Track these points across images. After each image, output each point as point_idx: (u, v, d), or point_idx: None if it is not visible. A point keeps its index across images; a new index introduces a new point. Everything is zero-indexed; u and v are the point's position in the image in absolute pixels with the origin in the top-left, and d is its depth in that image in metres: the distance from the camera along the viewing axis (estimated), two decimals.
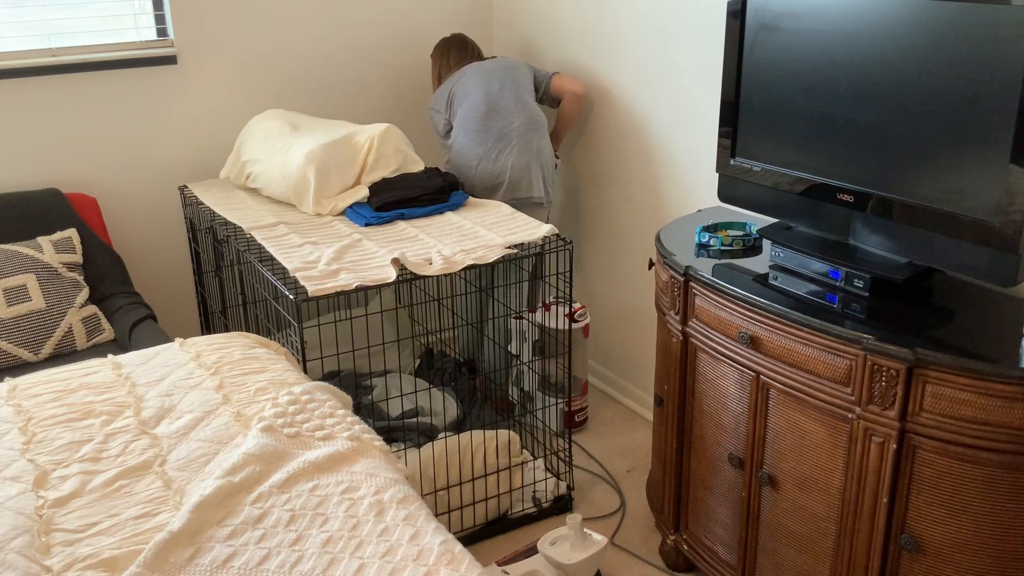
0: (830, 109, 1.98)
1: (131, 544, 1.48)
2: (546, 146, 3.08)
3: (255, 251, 2.51)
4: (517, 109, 3.03)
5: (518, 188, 3.01)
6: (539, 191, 3.05)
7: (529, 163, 3.01)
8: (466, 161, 3.03)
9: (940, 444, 1.71)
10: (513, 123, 3.01)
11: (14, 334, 2.65)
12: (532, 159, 3.02)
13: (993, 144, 1.67)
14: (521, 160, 3.00)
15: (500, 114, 3.02)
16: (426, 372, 3.26)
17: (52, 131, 3.02)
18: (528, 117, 3.04)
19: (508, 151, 2.99)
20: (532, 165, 3.02)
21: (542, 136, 3.07)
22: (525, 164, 3.01)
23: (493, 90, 3.05)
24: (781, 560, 2.09)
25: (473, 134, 3.02)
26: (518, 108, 3.04)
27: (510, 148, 3.00)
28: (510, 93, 3.06)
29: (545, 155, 3.08)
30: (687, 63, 2.80)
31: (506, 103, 3.03)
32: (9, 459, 1.73)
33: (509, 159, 2.99)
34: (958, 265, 1.79)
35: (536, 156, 3.04)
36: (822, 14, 1.96)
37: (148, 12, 3.13)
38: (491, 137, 3.00)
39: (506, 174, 2.99)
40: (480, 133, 3.01)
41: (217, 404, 1.90)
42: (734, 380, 2.11)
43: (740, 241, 2.29)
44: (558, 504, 2.75)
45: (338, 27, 3.41)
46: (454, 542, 1.46)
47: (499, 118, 3.02)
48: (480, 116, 3.02)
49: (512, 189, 3.01)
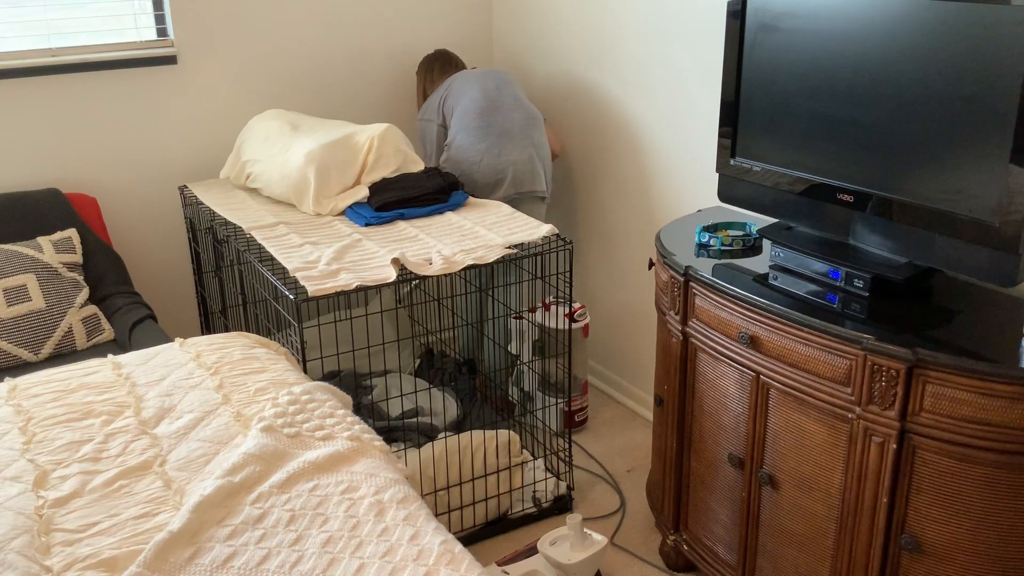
0: (830, 109, 1.98)
1: (131, 544, 1.48)
2: (544, 142, 3.10)
3: (255, 251, 2.51)
4: (515, 106, 3.05)
5: (522, 182, 3.02)
6: (542, 185, 3.07)
7: (532, 157, 3.03)
8: (468, 157, 3.01)
9: (940, 444, 1.71)
10: (513, 119, 3.02)
11: (14, 334, 2.65)
12: (534, 153, 3.04)
13: (993, 144, 1.67)
14: (524, 154, 3.02)
15: (500, 110, 3.03)
16: (426, 372, 3.26)
17: (52, 131, 3.02)
18: (527, 114, 3.06)
19: (511, 146, 3.00)
20: (534, 159, 3.04)
21: (540, 133, 3.09)
22: (528, 158, 3.02)
23: (490, 88, 3.06)
24: (781, 560, 2.09)
25: (474, 130, 3.01)
26: (516, 105, 3.05)
27: (512, 143, 3.00)
28: (507, 92, 3.07)
29: (544, 151, 3.09)
30: (687, 63, 2.80)
31: (504, 100, 3.04)
32: (9, 459, 1.73)
33: (512, 154, 3.00)
34: (958, 265, 1.79)
35: (537, 151, 3.06)
36: (822, 14, 1.96)
37: (148, 12, 3.13)
38: (493, 132, 3.00)
39: (510, 168, 2.99)
40: (481, 129, 3.00)
41: (217, 404, 1.90)
42: (734, 380, 2.11)
43: (740, 241, 2.29)
44: (558, 504, 2.75)
45: (338, 27, 3.41)
46: (454, 542, 1.46)
47: (499, 114, 3.02)
48: (480, 112, 3.02)
49: (516, 183, 3.01)
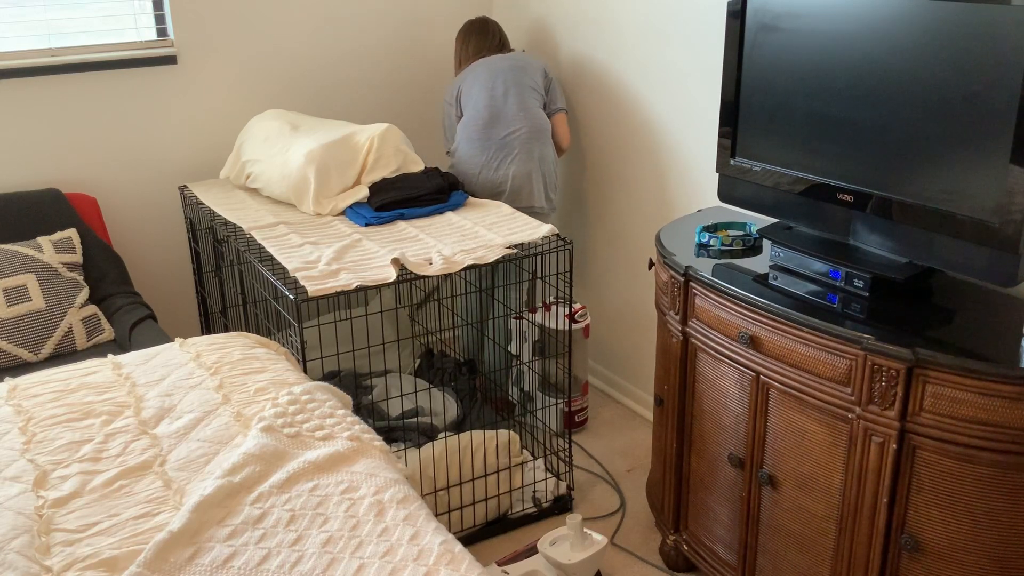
0: (830, 109, 1.98)
1: (131, 544, 1.48)
2: (549, 153, 3.08)
3: (255, 251, 2.51)
4: (519, 116, 3.02)
5: (519, 197, 3.02)
6: (540, 200, 3.05)
7: (531, 172, 3.01)
8: (468, 169, 3.04)
9: (940, 444, 1.71)
10: (515, 131, 3.01)
11: (14, 334, 2.65)
12: (534, 168, 3.02)
13: (993, 144, 1.67)
14: (523, 169, 3.00)
15: (502, 121, 3.01)
16: (426, 372, 3.26)
17: (52, 131, 3.02)
18: (531, 125, 3.03)
19: (510, 160, 2.99)
20: (534, 174, 3.02)
21: (544, 144, 3.06)
22: (527, 173, 3.01)
23: (497, 95, 3.04)
24: (781, 560, 2.09)
25: (475, 142, 3.02)
26: (520, 115, 3.02)
27: (512, 157, 3.00)
28: (513, 99, 3.04)
29: (548, 163, 3.07)
30: (687, 63, 2.80)
31: (508, 109, 3.02)
32: (9, 459, 1.73)
33: (511, 168, 2.99)
34: (958, 265, 1.79)
35: (539, 164, 3.03)
36: (822, 14, 1.96)
37: (148, 12, 3.13)
38: (492, 146, 3.00)
39: (507, 183, 3.00)
40: (482, 141, 3.01)
41: (217, 404, 1.90)
42: (734, 380, 2.11)
43: (740, 241, 2.29)
44: (558, 504, 2.75)
45: (338, 27, 3.41)
46: (454, 542, 1.46)
47: (501, 125, 3.01)
48: (482, 124, 3.02)
49: (513, 198, 3.02)
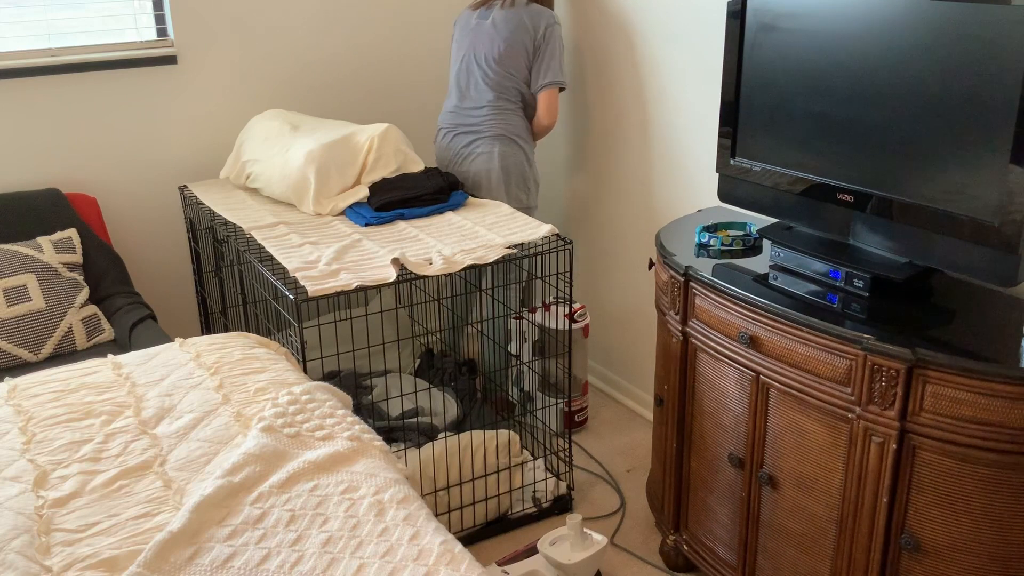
0: (830, 109, 1.98)
1: (131, 544, 1.48)
2: (511, 152, 3.00)
3: (255, 251, 2.51)
4: (479, 111, 3.02)
5: (478, 192, 3.06)
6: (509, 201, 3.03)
7: (490, 172, 3.01)
8: (442, 157, 3.16)
9: (940, 444, 1.71)
10: (477, 125, 3.03)
11: (14, 334, 2.65)
12: (493, 167, 3.00)
13: (993, 144, 1.67)
14: (484, 167, 3.02)
15: (466, 104, 3.05)
16: (426, 372, 3.26)
17: (52, 131, 3.02)
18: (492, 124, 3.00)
19: (472, 158, 3.03)
20: (492, 173, 3.01)
21: (505, 143, 2.99)
22: (486, 171, 3.02)
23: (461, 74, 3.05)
24: (781, 560, 2.09)
25: (446, 133, 3.11)
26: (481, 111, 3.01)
27: (474, 156, 3.03)
28: (475, 87, 3.02)
29: (509, 160, 2.99)
30: (687, 63, 2.80)
31: (471, 95, 3.03)
32: (9, 459, 1.73)
33: (472, 166, 3.04)
34: (958, 265, 1.79)
35: (500, 161, 2.99)
36: (822, 14, 1.96)
37: (148, 12, 3.13)
38: (459, 143, 3.07)
39: (468, 180, 3.06)
40: (450, 131, 3.10)
41: (217, 404, 1.90)
42: (734, 380, 2.11)
43: (740, 241, 2.29)
44: (558, 504, 2.75)
45: (338, 27, 3.41)
46: (454, 542, 1.46)
47: (464, 111, 3.05)
48: (450, 111, 3.10)
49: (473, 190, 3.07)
